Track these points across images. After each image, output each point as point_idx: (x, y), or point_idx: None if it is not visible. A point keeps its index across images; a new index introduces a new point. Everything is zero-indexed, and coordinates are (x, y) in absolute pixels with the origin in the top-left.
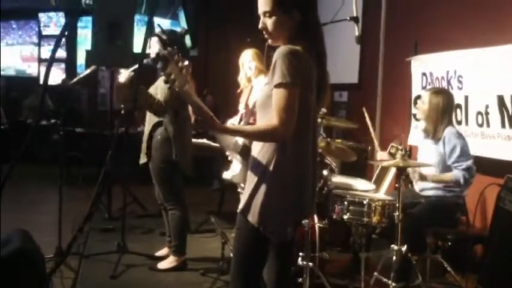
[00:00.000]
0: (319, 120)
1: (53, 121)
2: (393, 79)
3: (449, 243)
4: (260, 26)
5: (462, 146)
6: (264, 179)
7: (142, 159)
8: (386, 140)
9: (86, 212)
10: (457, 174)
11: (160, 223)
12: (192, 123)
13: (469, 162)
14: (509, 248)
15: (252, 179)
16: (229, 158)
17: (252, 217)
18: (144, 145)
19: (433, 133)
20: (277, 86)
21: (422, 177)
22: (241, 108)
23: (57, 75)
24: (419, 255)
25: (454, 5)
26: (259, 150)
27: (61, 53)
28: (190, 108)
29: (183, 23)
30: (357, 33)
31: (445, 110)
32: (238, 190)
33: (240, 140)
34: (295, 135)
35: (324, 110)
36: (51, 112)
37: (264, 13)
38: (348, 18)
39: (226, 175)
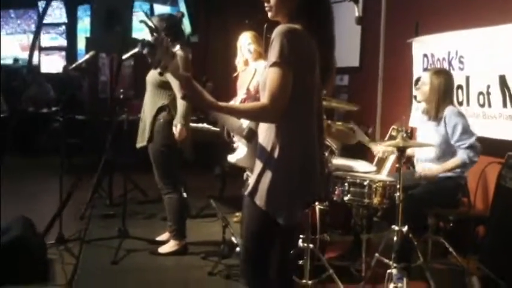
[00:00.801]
0: None
1: (54, 109)
2: (394, 61)
3: (451, 224)
4: None
5: (463, 124)
6: (270, 162)
7: (141, 143)
8: (388, 123)
9: (87, 199)
10: (461, 155)
11: (161, 208)
12: (180, 97)
13: (472, 140)
14: (510, 226)
15: (258, 163)
16: (234, 142)
17: (260, 200)
18: (147, 129)
19: (435, 114)
20: (272, 65)
21: (430, 178)
22: (242, 93)
23: (58, 63)
24: (421, 236)
25: None
26: (264, 133)
27: (62, 41)
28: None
29: (183, 9)
30: (356, 14)
31: (446, 90)
32: (246, 173)
33: (245, 123)
34: (296, 117)
35: (324, 92)
36: (52, 100)
37: None
38: None
39: (231, 158)
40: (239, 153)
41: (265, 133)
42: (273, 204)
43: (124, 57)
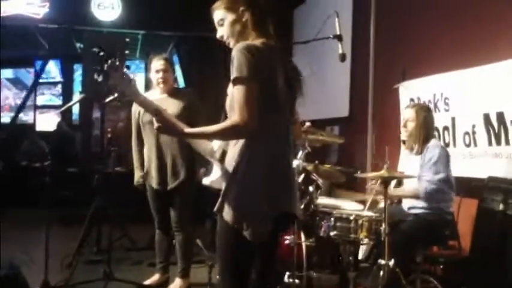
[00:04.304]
0: (303, 135)
1: (46, 163)
2: (383, 108)
3: (441, 266)
4: (218, 35)
5: (439, 157)
6: (236, 177)
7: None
8: (379, 169)
9: (74, 248)
10: (419, 186)
11: (149, 255)
12: (154, 128)
13: (438, 176)
14: (491, 244)
15: (225, 178)
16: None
17: (227, 215)
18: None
19: (421, 148)
20: (235, 81)
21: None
22: None
23: (53, 121)
24: (409, 275)
25: (437, 29)
26: (231, 150)
27: (57, 101)
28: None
29: (178, 67)
30: (340, 51)
31: (432, 123)
32: None
33: (216, 146)
34: (263, 129)
35: (308, 124)
36: (46, 154)
37: (218, 22)
38: (331, 36)
39: (205, 181)
40: (213, 175)
41: (233, 149)
42: (239, 219)
43: (106, 100)
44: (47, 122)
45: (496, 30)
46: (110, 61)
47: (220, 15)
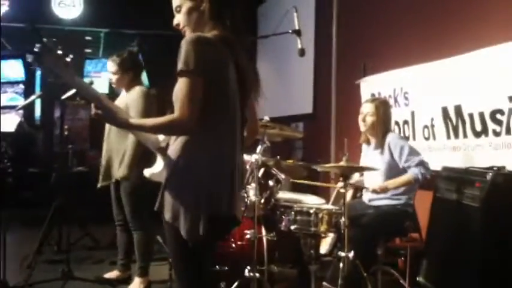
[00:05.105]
0: (261, 130)
1: (7, 164)
2: (347, 104)
3: (402, 258)
4: (174, 23)
5: (409, 145)
6: (174, 174)
7: (120, 174)
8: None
9: (34, 248)
10: (413, 171)
11: (111, 254)
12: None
13: (420, 157)
14: (446, 233)
15: (165, 174)
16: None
17: (166, 214)
18: (126, 162)
19: (381, 142)
20: (179, 73)
21: (383, 189)
22: None
23: (14, 121)
24: (370, 267)
25: (397, 24)
26: (172, 145)
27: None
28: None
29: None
30: (299, 46)
31: (390, 117)
32: None
33: (161, 138)
34: (208, 127)
35: (266, 118)
36: (6, 155)
37: (176, 8)
38: (290, 31)
39: (146, 172)
40: (155, 168)
41: (174, 143)
42: (177, 217)
43: (63, 97)
44: (10, 123)
45: (454, 24)
46: (42, 43)
47: (178, 1)
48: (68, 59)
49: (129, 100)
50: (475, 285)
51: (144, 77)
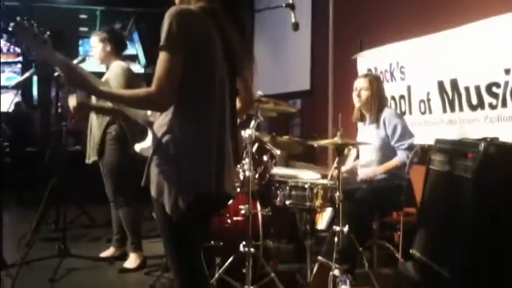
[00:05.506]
0: (255, 104)
1: (5, 144)
2: (344, 80)
3: (399, 233)
4: None
5: (402, 124)
6: (159, 149)
7: (92, 157)
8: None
9: (32, 227)
10: (400, 155)
11: (107, 232)
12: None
13: (411, 140)
14: (439, 207)
15: (151, 150)
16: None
17: (152, 190)
18: (96, 142)
19: (376, 117)
20: (160, 48)
21: (373, 177)
22: None
23: (13, 101)
24: (365, 242)
25: None
26: (159, 120)
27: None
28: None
29: (138, 44)
30: (293, 20)
31: (383, 92)
32: None
33: (149, 112)
34: (192, 104)
35: (260, 93)
36: (4, 135)
37: None
38: (284, 5)
39: (136, 147)
40: (145, 142)
41: (159, 119)
42: (161, 192)
43: (55, 74)
44: (8, 103)
45: None
46: (16, 21)
47: None
48: (46, 36)
49: (109, 75)
50: (467, 257)
51: (141, 55)
